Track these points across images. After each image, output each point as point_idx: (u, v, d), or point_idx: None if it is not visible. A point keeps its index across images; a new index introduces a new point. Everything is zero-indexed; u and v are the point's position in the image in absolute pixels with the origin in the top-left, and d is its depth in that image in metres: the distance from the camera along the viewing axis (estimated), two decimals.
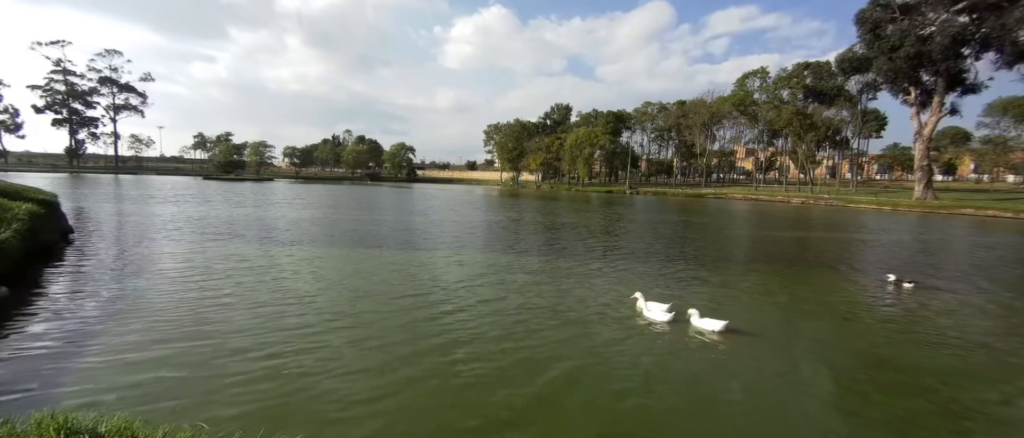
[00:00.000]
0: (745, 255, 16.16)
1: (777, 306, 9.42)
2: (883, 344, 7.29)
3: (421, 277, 10.80)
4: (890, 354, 6.85)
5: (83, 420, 3.21)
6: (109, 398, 4.68)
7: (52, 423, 3.07)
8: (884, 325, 8.29)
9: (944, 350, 7.10)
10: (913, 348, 7.15)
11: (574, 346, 6.71)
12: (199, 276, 10.04)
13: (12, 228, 9.44)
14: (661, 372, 5.93)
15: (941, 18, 45.29)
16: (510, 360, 6.15)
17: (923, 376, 6.11)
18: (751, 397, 5.34)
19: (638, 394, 5.31)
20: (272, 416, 4.50)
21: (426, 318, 7.76)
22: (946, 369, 6.36)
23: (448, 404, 4.93)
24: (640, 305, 8.26)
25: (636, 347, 6.75)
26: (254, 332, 6.77)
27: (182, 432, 3.46)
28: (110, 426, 3.22)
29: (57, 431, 3.00)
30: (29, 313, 7.17)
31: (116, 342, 6.20)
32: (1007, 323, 8.75)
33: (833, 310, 9.22)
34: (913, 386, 5.82)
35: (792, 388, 5.66)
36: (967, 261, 15.86)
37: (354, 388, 5.18)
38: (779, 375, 6.00)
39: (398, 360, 5.99)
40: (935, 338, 7.63)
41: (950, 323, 8.48)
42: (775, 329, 7.91)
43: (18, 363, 5.46)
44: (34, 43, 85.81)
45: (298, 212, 26.33)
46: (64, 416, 3.17)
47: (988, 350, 7.13)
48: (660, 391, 5.41)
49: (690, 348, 6.80)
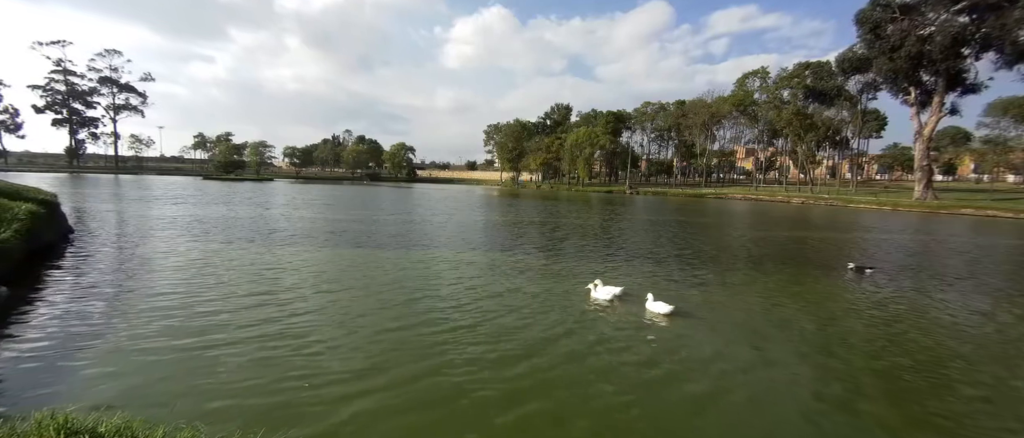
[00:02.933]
0: (745, 255, 16.17)
1: (753, 299, 9.46)
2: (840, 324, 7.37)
3: (421, 277, 10.81)
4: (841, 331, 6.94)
5: (83, 420, 3.22)
6: (109, 398, 4.68)
7: (52, 423, 3.08)
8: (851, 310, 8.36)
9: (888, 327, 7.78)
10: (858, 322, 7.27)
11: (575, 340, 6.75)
12: (199, 276, 10.05)
13: (12, 228, 9.45)
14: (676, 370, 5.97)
15: (941, 18, 45.32)
16: (508, 362, 6.16)
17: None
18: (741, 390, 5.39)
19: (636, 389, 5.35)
20: (272, 416, 4.52)
21: (427, 318, 7.77)
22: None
23: (449, 404, 4.94)
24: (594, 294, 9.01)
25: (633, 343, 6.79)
26: (254, 332, 6.77)
27: (181, 432, 3.47)
28: (110, 426, 3.23)
29: (57, 431, 3.01)
30: (29, 313, 7.18)
31: (116, 342, 6.21)
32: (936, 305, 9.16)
33: (811, 303, 9.29)
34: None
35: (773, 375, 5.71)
36: (942, 257, 15.94)
37: (354, 388, 5.19)
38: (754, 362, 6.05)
39: (399, 360, 6.00)
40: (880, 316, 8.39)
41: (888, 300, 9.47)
42: (765, 325, 7.95)
43: (18, 363, 5.46)
44: (34, 43, 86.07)
45: (298, 212, 26.35)
46: (64, 416, 3.18)
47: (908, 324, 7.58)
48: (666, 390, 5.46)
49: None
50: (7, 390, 4.81)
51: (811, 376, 6.10)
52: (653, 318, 8.03)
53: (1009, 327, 8.52)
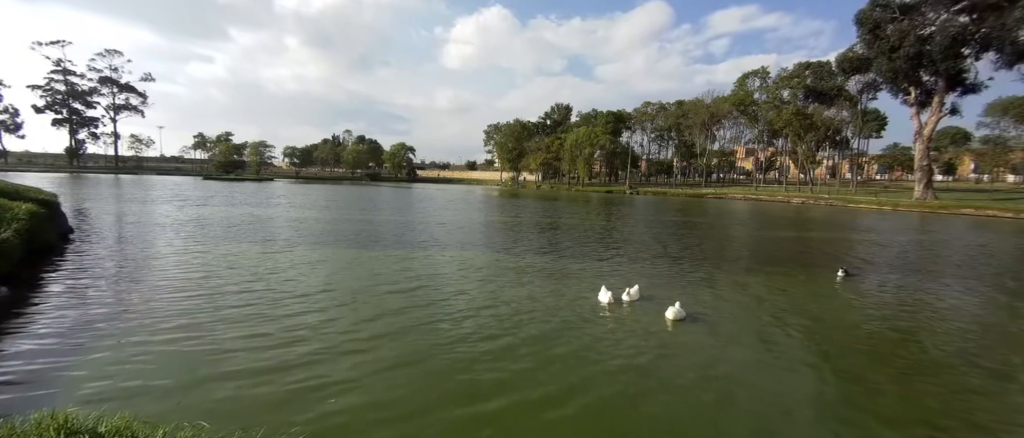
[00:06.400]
0: (748, 256, 16.17)
1: (751, 299, 9.46)
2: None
3: (423, 278, 10.79)
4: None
5: (83, 420, 3.21)
6: (109, 398, 4.67)
7: (52, 423, 3.07)
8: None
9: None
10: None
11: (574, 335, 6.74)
12: (199, 275, 10.04)
13: (12, 228, 9.44)
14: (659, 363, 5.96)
15: (941, 18, 45.26)
16: (512, 364, 6.15)
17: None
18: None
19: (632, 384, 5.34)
20: (272, 415, 4.51)
21: (429, 320, 7.75)
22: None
23: (452, 407, 4.93)
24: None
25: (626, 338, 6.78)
26: (254, 331, 6.77)
27: (182, 431, 3.46)
28: (110, 426, 3.22)
29: (57, 431, 3.00)
30: (29, 313, 7.17)
31: (116, 342, 6.20)
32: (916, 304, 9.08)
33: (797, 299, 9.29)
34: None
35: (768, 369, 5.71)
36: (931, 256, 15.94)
37: (354, 387, 5.18)
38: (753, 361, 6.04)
39: (399, 359, 5.99)
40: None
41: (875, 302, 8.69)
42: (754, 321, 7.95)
43: (18, 363, 5.46)
44: (34, 43, 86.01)
45: (297, 212, 26.34)
46: (64, 416, 3.17)
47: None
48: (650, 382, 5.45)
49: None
50: (7, 390, 4.80)
51: (821, 380, 6.08)
52: (667, 323, 7.82)
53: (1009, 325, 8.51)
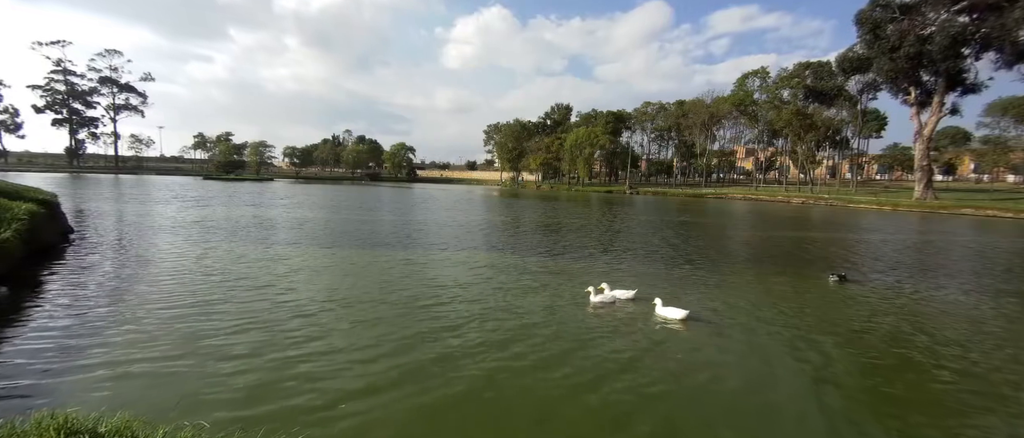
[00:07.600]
0: (748, 256, 16.17)
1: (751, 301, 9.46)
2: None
3: (424, 278, 10.80)
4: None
5: (83, 420, 3.21)
6: (109, 398, 4.67)
7: (52, 423, 3.07)
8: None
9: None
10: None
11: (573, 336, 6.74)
12: (198, 276, 10.04)
13: (12, 228, 9.44)
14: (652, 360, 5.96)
15: (941, 18, 45.28)
16: (515, 367, 6.15)
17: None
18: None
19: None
20: (272, 415, 4.51)
21: (429, 320, 7.75)
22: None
23: (454, 409, 4.93)
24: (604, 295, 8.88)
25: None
26: (253, 331, 6.77)
27: (182, 431, 3.46)
28: (110, 426, 3.22)
29: (57, 431, 3.00)
30: (29, 313, 7.17)
31: (116, 342, 6.20)
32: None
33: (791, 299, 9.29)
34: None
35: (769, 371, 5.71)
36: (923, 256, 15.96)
37: (354, 387, 5.18)
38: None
39: (398, 359, 5.99)
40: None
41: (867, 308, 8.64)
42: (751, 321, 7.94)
43: (18, 363, 5.46)
44: (34, 43, 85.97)
45: (297, 212, 26.33)
46: (64, 416, 3.17)
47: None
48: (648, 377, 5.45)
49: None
50: (7, 390, 4.80)
51: (819, 380, 6.07)
52: (664, 323, 7.80)
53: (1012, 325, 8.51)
